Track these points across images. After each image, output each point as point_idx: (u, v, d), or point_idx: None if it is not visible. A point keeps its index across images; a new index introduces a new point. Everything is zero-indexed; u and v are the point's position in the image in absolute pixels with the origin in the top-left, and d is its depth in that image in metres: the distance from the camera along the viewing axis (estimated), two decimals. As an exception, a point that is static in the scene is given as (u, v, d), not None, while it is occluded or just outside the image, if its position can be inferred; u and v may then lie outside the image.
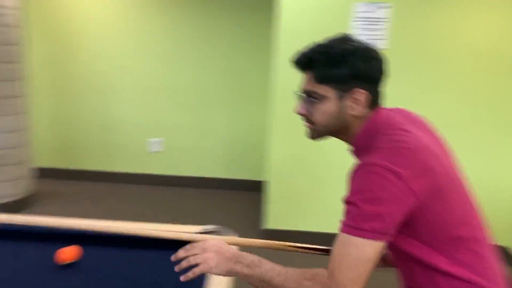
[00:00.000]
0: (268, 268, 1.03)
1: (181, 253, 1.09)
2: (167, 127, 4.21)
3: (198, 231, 1.57)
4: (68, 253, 1.39)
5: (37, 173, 4.24)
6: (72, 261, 1.39)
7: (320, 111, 1.11)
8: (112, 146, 4.31)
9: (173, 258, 1.11)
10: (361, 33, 2.84)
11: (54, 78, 4.22)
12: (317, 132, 1.16)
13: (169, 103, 4.15)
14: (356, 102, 1.08)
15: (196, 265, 1.06)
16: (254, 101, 4.08)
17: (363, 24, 2.84)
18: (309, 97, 1.12)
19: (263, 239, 1.54)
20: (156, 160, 4.28)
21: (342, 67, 1.06)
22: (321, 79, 1.09)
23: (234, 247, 1.15)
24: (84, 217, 1.66)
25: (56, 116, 4.31)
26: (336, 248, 0.99)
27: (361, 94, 1.08)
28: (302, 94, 1.15)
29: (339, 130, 1.14)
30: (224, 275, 1.06)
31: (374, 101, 1.11)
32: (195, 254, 1.07)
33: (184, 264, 1.07)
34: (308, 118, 1.15)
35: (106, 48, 4.08)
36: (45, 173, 4.36)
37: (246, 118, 4.14)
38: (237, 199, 4.01)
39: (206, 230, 1.58)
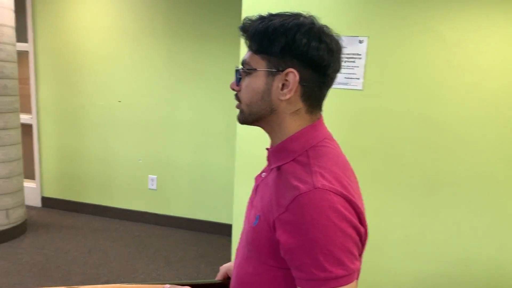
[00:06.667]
0: None
1: None
2: (162, 165, 4.14)
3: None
4: None
5: (41, 202, 4.47)
6: None
7: (246, 85, 0.93)
8: (111, 181, 4.29)
9: None
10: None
11: (60, 111, 4.29)
12: (241, 113, 0.96)
13: (166, 140, 4.09)
14: (286, 84, 0.89)
15: None
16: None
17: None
18: (242, 69, 0.94)
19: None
20: (151, 198, 4.23)
21: (279, 38, 0.87)
22: (255, 49, 0.91)
23: None
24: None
25: (61, 148, 4.37)
26: None
27: (293, 76, 0.87)
28: (239, 67, 0.97)
29: (265, 116, 0.93)
30: None
31: (311, 96, 0.91)
32: None
33: None
34: (237, 94, 0.97)
35: (108, 83, 4.11)
36: (49, 203, 4.48)
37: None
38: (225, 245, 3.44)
39: None
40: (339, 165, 0.89)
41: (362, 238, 0.83)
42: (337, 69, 0.93)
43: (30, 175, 4.52)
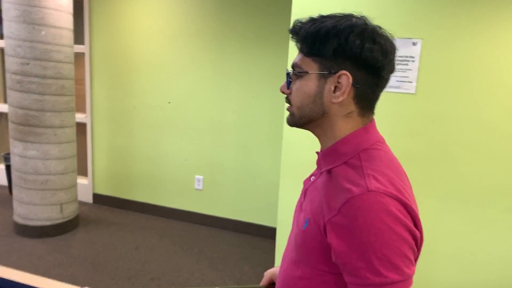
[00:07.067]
0: None
1: None
2: (209, 165, 4.19)
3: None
4: None
5: (93, 199, 4.66)
6: None
7: (297, 88, 0.91)
8: (159, 180, 4.39)
9: None
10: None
11: (112, 111, 4.44)
12: (292, 115, 0.94)
13: (213, 141, 4.14)
14: (338, 87, 0.86)
15: None
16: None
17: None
18: (294, 72, 0.92)
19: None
20: (197, 198, 4.29)
21: (331, 39, 0.84)
22: (307, 52, 0.89)
23: None
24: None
25: (112, 147, 4.52)
26: None
27: (346, 78, 0.85)
28: (289, 70, 0.95)
29: (316, 119, 0.91)
30: None
31: (364, 98, 0.89)
32: None
33: None
34: (288, 97, 0.95)
35: (158, 84, 4.21)
36: (100, 200, 4.64)
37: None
38: (269, 249, 3.43)
39: None
40: (393, 168, 0.85)
41: (417, 243, 0.80)
42: (391, 70, 0.90)
43: (82, 172, 4.71)
